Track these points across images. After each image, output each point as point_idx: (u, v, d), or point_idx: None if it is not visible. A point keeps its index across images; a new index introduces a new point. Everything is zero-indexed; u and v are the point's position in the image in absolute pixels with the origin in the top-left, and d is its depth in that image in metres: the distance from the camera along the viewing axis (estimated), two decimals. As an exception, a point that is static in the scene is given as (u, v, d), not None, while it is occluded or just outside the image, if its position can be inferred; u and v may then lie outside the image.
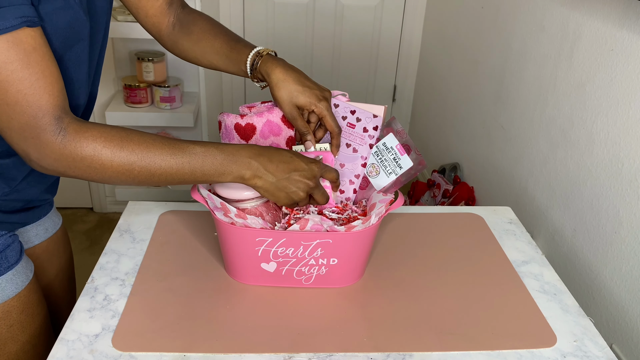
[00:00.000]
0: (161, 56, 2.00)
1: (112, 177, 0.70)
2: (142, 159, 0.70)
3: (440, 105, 2.32)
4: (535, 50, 1.45)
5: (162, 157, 0.71)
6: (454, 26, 2.18)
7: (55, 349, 0.75)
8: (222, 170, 0.75)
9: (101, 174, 0.70)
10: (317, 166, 0.81)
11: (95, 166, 0.69)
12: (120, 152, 0.69)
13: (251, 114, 0.91)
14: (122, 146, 0.69)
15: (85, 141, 0.67)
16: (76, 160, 0.68)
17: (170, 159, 0.72)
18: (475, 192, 1.85)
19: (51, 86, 0.65)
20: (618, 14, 1.10)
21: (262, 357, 0.76)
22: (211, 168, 0.74)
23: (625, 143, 1.06)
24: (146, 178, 0.71)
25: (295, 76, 0.85)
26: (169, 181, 0.73)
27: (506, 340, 0.80)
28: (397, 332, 0.81)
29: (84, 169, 0.69)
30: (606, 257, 1.11)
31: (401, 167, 0.88)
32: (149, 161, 0.70)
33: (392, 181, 0.89)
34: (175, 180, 0.73)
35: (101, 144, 0.68)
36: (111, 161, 0.69)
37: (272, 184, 0.77)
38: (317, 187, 0.81)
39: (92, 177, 0.70)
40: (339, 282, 0.89)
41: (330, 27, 2.66)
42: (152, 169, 0.71)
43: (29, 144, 0.65)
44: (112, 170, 0.70)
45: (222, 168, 0.74)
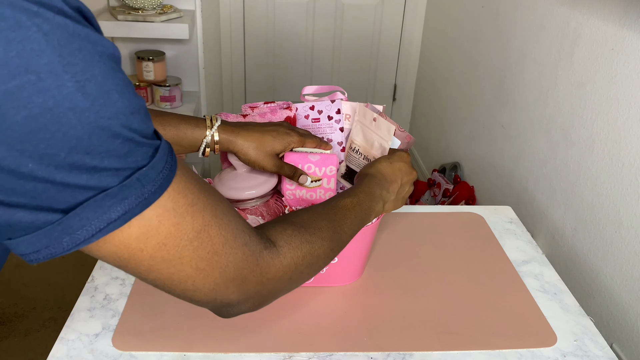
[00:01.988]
0: (161, 55, 2.00)
1: (322, 264, 0.64)
2: (335, 235, 0.65)
3: (441, 105, 2.32)
4: (535, 50, 1.45)
5: (347, 226, 0.69)
6: (454, 25, 2.17)
7: (55, 349, 0.75)
8: (370, 212, 0.74)
9: (316, 265, 0.62)
10: (406, 155, 0.83)
11: (312, 260, 0.61)
12: (320, 234, 0.63)
13: (254, 114, 0.91)
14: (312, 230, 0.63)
15: (291, 238, 0.59)
16: (298, 264, 0.58)
17: (352, 225, 0.70)
18: (476, 192, 1.85)
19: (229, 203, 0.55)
20: (619, 14, 1.10)
21: (262, 356, 0.76)
22: (366, 214, 0.73)
23: (626, 142, 1.06)
24: (340, 249, 0.68)
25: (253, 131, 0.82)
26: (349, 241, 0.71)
27: (506, 339, 0.80)
28: (397, 332, 0.81)
29: (303, 269, 0.60)
30: (606, 256, 1.11)
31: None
32: (340, 235, 0.67)
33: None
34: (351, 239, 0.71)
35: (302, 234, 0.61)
36: (321, 245, 0.62)
37: (393, 200, 0.79)
38: (416, 173, 0.84)
39: (307, 277, 0.62)
40: (339, 280, 0.89)
41: (331, 26, 2.66)
42: (343, 239, 0.68)
43: (248, 282, 0.53)
44: (323, 257, 0.63)
45: (370, 210, 0.74)
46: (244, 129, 0.82)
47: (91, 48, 0.38)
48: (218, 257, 0.49)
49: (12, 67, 0.34)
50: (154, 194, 0.43)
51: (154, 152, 0.44)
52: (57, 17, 0.36)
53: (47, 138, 0.37)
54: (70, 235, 0.41)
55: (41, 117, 0.36)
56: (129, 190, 0.42)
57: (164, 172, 0.44)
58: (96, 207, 0.41)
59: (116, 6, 1.94)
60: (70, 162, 0.38)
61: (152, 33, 1.84)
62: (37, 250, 0.41)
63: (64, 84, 0.36)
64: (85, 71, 0.37)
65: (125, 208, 0.42)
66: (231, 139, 0.81)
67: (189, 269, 0.48)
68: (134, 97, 0.42)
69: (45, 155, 0.37)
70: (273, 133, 0.83)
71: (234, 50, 2.68)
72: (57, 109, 0.36)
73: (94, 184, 0.40)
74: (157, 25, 1.83)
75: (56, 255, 0.42)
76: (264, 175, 0.86)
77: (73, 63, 0.37)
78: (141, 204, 0.43)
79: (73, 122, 0.37)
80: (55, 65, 0.36)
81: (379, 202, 0.76)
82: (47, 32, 0.35)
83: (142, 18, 1.82)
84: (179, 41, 2.05)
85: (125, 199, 0.42)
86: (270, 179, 0.86)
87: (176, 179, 0.46)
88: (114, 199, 0.41)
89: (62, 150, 0.38)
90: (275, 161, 0.83)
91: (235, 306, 0.55)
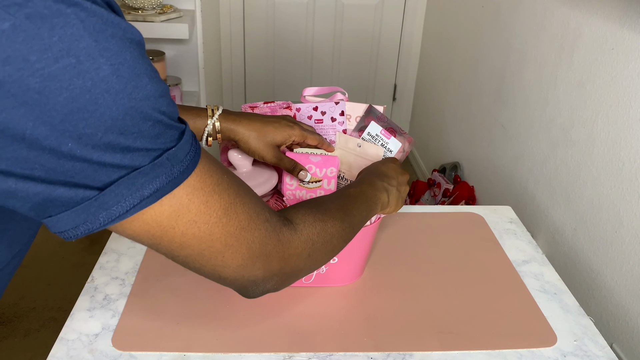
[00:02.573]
0: (161, 55, 2.00)
1: (336, 243, 0.65)
2: (346, 217, 0.67)
3: (441, 105, 2.32)
4: (535, 49, 1.45)
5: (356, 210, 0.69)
6: (454, 25, 2.17)
7: (55, 349, 0.75)
8: (376, 201, 0.75)
9: (331, 243, 0.64)
10: (396, 159, 0.85)
11: (326, 237, 0.62)
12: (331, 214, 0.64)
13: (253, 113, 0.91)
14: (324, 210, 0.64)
15: (304, 216, 0.61)
16: (314, 241, 0.60)
17: (360, 210, 0.71)
18: (476, 192, 1.85)
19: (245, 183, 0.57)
20: (619, 13, 1.10)
21: (262, 356, 0.76)
22: (372, 202, 0.74)
23: (626, 142, 1.06)
24: (352, 234, 0.69)
25: (255, 120, 0.83)
26: (359, 229, 0.72)
27: (506, 339, 0.80)
28: (397, 332, 0.81)
29: (320, 246, 0.61)
30: (607, 256, 1.11)
31: (391, 151, 0.89)
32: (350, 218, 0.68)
33: None
34: (362, 225, 0.72)
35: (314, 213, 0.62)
36: (333, 225, 0.64)
37: (395, 195, 0.79)
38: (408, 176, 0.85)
39: (324, 255, 0.64)
40: (339, 280, 0.89)
41: (331, 26, 2.66)
42: (354, 222, 0.69)
43: (272, 258, 0.56)
44: (337, 236, 0.64)
45: (376, 199, 0.75)
46: (246, 118, 0.83)
47: (122, 35, 0.40)
48: (245, 232, 0.52)
49: (55, 51, 0.37)
50: (182, 174, 0.46)
51: (180, 135, 0.46)
52: (93, 6, 0.39)
53: (85, 118, 0.39)
54: (106, 210, 0.43)
55: (81, 97, 0.38)
56: (160, 169, 0.44)
57: (190, 154, 0.47)
58: (129, 185, 0.43)
59: (116, 6, 1.94)
60: (106, 141, 0.40)
61: (152, 33, 1.84)
62: (75, 226, 0.44)
63: (101, 67, 0.39)
64: (118, 55, 0.40)
65: (157, 186, 0.44)
66: (232, 128, 0.81)
67: (219, 245, 0.51)
68: (161, 82, 0.44)
69: (83, 135, 0.39)
70: (275, 124, 0.83)
71: (234, 50, 2.68)
72: (94, 90, 0.39)
73: (127, 163, 0.42)
74: (157, 25, 1.83)
75: (93, 230, 0.44)
76: (264, 175, 0.86)
77: (107, 48, 0.39)
78: (171, 182, 0.45)
79: (109, 103, 0.40)
80: (92, 50, 0.38)
81: (382, 192, 0.76)
82: (83, 19, 0.38)
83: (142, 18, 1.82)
84: (178, 41, 2.05)
85: (157, 177, 0.44)
86: (270, 179, 0.86)
87: (201, 160, 0.48)
88: (145, 177, 0.43)
89: (98, 130, 0.40)
90: (275, 152, 0.83)
91: (260, 284, 0.57)
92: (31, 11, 0.36)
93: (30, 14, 0.36)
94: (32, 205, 0.42)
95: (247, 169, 0.85)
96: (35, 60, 0.36)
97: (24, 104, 0.37)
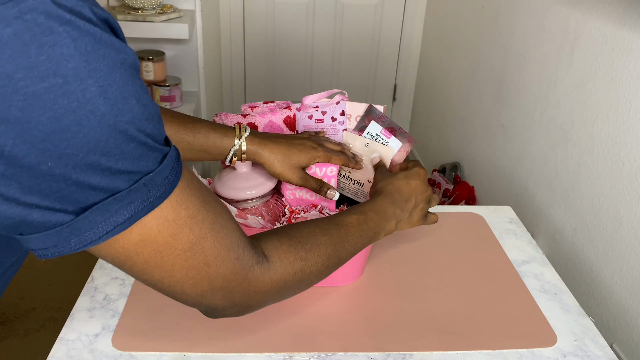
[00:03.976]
0: (161, 55, 2.00)
1: (314, 280, 0.64)
2: (333, 252, 0.66)
3: (441, 105, 2.32)
4: (535, 49, 1.45)
5: (348, 244, 0.68)
6: (454, 25, 2.17)
7: (55, 349, 0.75)
8: (379, 231, 0.74)
9: (307, 281, 0.63)
10: (423, 173, 0.82)
11: (303, 277, 0.61)
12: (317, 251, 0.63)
13: (253, 113, 0.91)
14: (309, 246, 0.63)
15: (285, 254, 0.60)
16: (287, 280, 0.59)
17: (354, 243, 0.69)
18: (476, 192, 1.85)
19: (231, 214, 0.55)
20: (619, 13, 1.10)
21: (262, 356, 0.75)
22: (374, 232, 0.73)
23: (626, 142, 1.06)
24: (336, 267, 0.68)
25: (281, 144, 0.82)
26: (349, 258, 0.71)
27: (506, 339, 0.80)
28: (397, 332, 0.81)
29: (293, 284, 0.61)
30: (607, 256, 1.11)
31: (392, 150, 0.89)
32: (339, 252, 0.67)
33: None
34: (353, 256, 0.71)
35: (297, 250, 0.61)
36: (315, 263, 0.63)
37: (407, 219, 0.79)
38: (432, 191, 0.83)
39: (297, 291, 0.63)
40: (339, 280, 0.89)
41: (331, 26, 2.66)
42: (342, 257, 0.68)
43: (235, 293, 0.55)
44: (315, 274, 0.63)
45: (379, 228, 0.74)
46: (272, 141, 0.82)
47: (115, 55, 0.40)
48: (208, 268, 0.51)
49: (41, 70, 0.36)
50: (158, 199, 0.45)
51: (162, 158, 0.45)
52: (87, 25, 0.38)
53: (68, 138, 0.38)
54: (78, 236, 0.43)
55: (64, 118, 0.38)
56: (135, 195, 0.44)
57: (169, 178, 0.46)
58: (104, 211, 0.43)
59: (116, 6, 1.94)
60: (87, 162, 0.40)
61: (152, 33, 1.84)
62: (45, 247, 0.43)
63: (88, 88, 0.38)
64: (107, 77, 0.39)
65: (131, 212, 0.44)
66: (258, 151, 0.81)
67: (179, 276, 0.50)
68: (150, 104, 0.44)
69: (64, 155, 0.39)
70: (300, 147, 0.82)
71: (234, 50, 2.68)
72: (79, 111, 0.38)
73: (106, 185, 0.42)
74: (157, 25, 1.83)
75: (64, 253, 0.44)
76: (264, 175, 0.86)
77: (97, 69, 0.38)
78: (146, 207, 0.45)
79: (93, 124, 0.39)
80: (81, 70, 0.38)
81: (391, 221, 0.75)
82: (75, 38, 0.37)
83: (142, 18, 1.82)
84: (178, 41, 2.05)
85: (132, 203, 0.43)
86: (270, 179, 0.86)
87: (180, 188, 0.47)
88: (120, 202, 0.43)
89: (80, 151, 0.39)
90: (300, 174, 0.83)
91: (220, 311, 0.58)
92: (21, 27, 0.35)
93: (18, 31, 0.35)
94: (3, 226, 0.42)
95: (247, 169, 0.85)
96: (20, 78, 0.36)
97: (5, 121, 0.36)
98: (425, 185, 0.81)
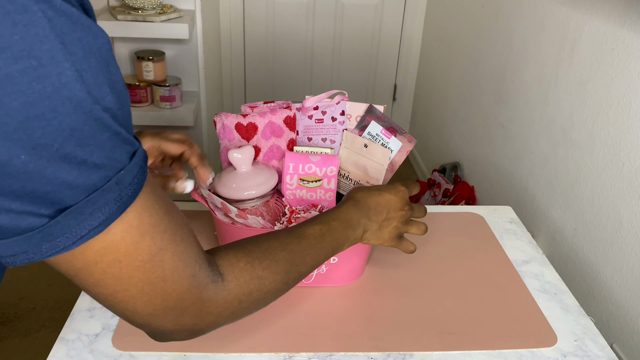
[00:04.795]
0: (161, 55, 2.00)
1: (271, 298, 0.61)
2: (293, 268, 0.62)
3: (441, 105, 2.32)
4: (535, 50, 1.45)
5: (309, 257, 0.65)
6: (454, 25, 2.17)
7: (55, 349, 0.75)
8: (343, 241, 0.71)
9: (264, 300, 0.59)
10: (403, 191, 0.77)
11: (259, 296, 0.58)
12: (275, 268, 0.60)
13: (253, 113, 0.91)
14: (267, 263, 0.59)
15: (241, 272, 0.56)
16: (242, 301, 0.56)
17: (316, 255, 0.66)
18: (476, 192, 1.85)
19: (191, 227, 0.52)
20: (619, 13, 1.10)
21: (262, 356, 0.75)
22: (337, 242, 0.70)
23: (626, 142, 1.06)
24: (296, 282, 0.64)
25: None
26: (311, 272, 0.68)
27: (506, 339, 0.80)
28: (397, 332, 0.81)
29: (248, 305, 0.57)
30: (607, 256, 1.11)
31: (392, 150, 0.89)
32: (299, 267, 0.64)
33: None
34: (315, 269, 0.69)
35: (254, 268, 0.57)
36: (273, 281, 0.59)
37: (376, 231, 0.75)
38: (411, 211, 0.79)
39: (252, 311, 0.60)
40: (339, 280, 0.89)
41: (331, 26, 2.66)
42: (303, 271, 0.64)
43: (187, 314, 0.51)
44: (273, 292, 0.60)
45: (344, 238, 0.71)
46: None
47: (91, 39, 0.37)
48: (164, 283, 0.48)
49: (15, 51, 0.34)
50: (129, 199, 0.42)
51: (132, 154, 0.43)
52: (63, 5, 0.36)
53: (42, 126, 0.35)
54: (50, 242, 0.40)
55: (39, 103, 0.35)
56: (108, 195, 0.41)
57: (138, 177, 0.43)
58: (78, 214, 0.40)
59: (116, 6, 1.94)
60: (62, 153, 0.37)
61: (152, 33, 1.84)
62: (14, 254, 0.40)
63: (64, 72, 0.36)
64: (83, 61, 0.37)
65: (106, 214, 0.41)
66: None
67: (134, 291, 0.47)
68: (124, 91, 0.41)
69: (38, 146, 0.36)
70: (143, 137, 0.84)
71: (234, 50, 2.68)
72: (55, 96, 0.35)
73: (81, 182, 0.39)
74: (157, 25, 1.83)
75: (34, 260, 0.40)
76: (264, 175, 0.86)
77: (74, 52, 0.36)
78: (119, 209, 0.42)
79: (69, 111, 0.36)
80: (56, 52, 0.35)
81: (356, 230, 0.72)
82: (51, 18, 0.35)
83: (142, 18, 1.82)
84: (178, 41, 2.05)
85: (106, 204, 0.41)
86: (270, 179, 0.86)
87: (145, 193, 0.44)
88: (95, 205, 0.40)
89: (55, 141, 0.37)
90: None
91: (168, 334, 0.53)
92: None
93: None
94: None
95: (247, 169, 0.85)
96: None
97: None
98: (401, 203, 0.76)
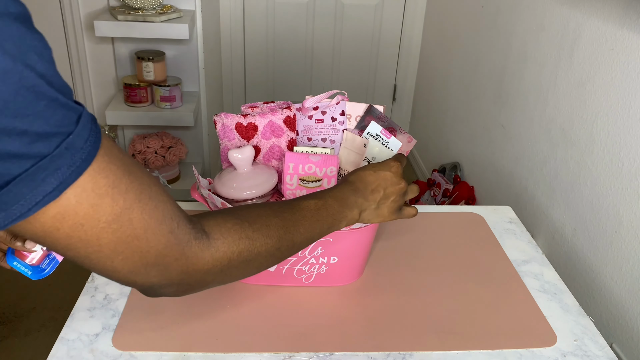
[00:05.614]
0: (161, 55, 2.00)
1: (263, 262, 0.61)
2: (286, 234, 0.62)
3: (441, 105, 2.32)
4: (535, 50, 1.45)
5: (303, 228, 0.65)
6: (454, 25, 2.17)
7: (55, 349, 0.75)
8: (340, 218, 0.70)
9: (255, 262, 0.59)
10: (396, 165, 0.77)
11: (249, 257, 0.58)
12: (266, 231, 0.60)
13: (253, 113, 0.91)
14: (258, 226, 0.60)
15: (229, 232, 0.56)
16: (231, 259, 0.56)
17: (310, 227, 0.65)
18: (476, 192, 1.85)
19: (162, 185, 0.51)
20: (618, 13, 1.10)
21: (262, 356, 0.76)
22: (333, 219, 0.69)
23: (626, 142, 1.06)
24: (291, 252, 0.64)
25: None
26: (305, 247, 0.68)
27: (506, 339, 0.80)
28: (397, 331, 0.81)
29: (239, 264, 0.57)
30: (606, 256, 1.11)
31: (392, 150, 0.89)
32: (292, 235, 0.63)
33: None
34: (310, 243, 0.68)
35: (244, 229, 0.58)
36: (264, 244, 0.59)
37: (374, 210, 0.74)
38: (406, 183, 0.78)
39: (244, 272, 0.60)
40: (339, 280, 0.89)
41: (331, 26, 2.66)
42: (297, 241, 0.64)
43: (172, 269, 0.52)
44: (265, 255, 0.60)
45: (340, 216, 0.70)
46: None
47: (4, 9, 0.37)
48: (139, 241, 0.48)
49: None
50: (84, 162, 0.42)
51: (78, 118, 0.42)
52: None
53: None
54: (5, 211, 0.40)
55: None
56: (60, 160, 0.41)
57: (90, 140, 0.43)
58: (29, 181, 0.40)
59: (116, 6, 1.94)
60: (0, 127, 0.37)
61: (152, 33, 1.84)
62: None
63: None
64: (3, 31, 0.36)
65: (59, 179, 0.41)
66: None
67: (107, 251, 0.47)
68: (50, 59, 0.41)
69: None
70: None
71: (234, 50, 2.68)
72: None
73: (26, 151, 0.39)
74: (157, 25, 1.83)
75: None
76: (264, 175, 0.86)
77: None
78: (74, 173, 0.42)
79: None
80: None
81: (352, 209, 0.71)
82: None
83: (142, 18, 1.82)
84: (179, 41, 2.05)
85: (58, 169, 0.41)
86: (270, 178, 0.86)
87: (99, 157, 0.44)
88: (46, 170, 0.40)
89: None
90: None
91: (157, 289, 0.54)
92: None
93: None
94: None
95: (247, 169, 0.85)
96: None
97: None
98: (397, 177, 0.76)
